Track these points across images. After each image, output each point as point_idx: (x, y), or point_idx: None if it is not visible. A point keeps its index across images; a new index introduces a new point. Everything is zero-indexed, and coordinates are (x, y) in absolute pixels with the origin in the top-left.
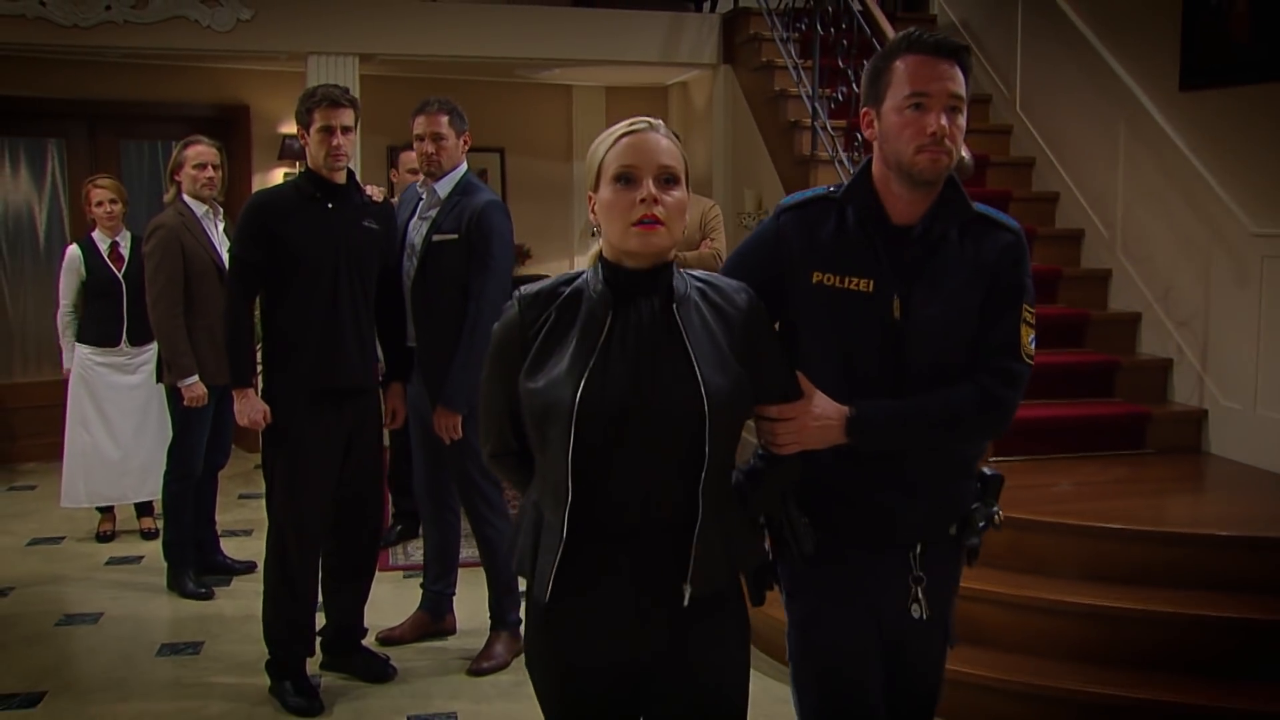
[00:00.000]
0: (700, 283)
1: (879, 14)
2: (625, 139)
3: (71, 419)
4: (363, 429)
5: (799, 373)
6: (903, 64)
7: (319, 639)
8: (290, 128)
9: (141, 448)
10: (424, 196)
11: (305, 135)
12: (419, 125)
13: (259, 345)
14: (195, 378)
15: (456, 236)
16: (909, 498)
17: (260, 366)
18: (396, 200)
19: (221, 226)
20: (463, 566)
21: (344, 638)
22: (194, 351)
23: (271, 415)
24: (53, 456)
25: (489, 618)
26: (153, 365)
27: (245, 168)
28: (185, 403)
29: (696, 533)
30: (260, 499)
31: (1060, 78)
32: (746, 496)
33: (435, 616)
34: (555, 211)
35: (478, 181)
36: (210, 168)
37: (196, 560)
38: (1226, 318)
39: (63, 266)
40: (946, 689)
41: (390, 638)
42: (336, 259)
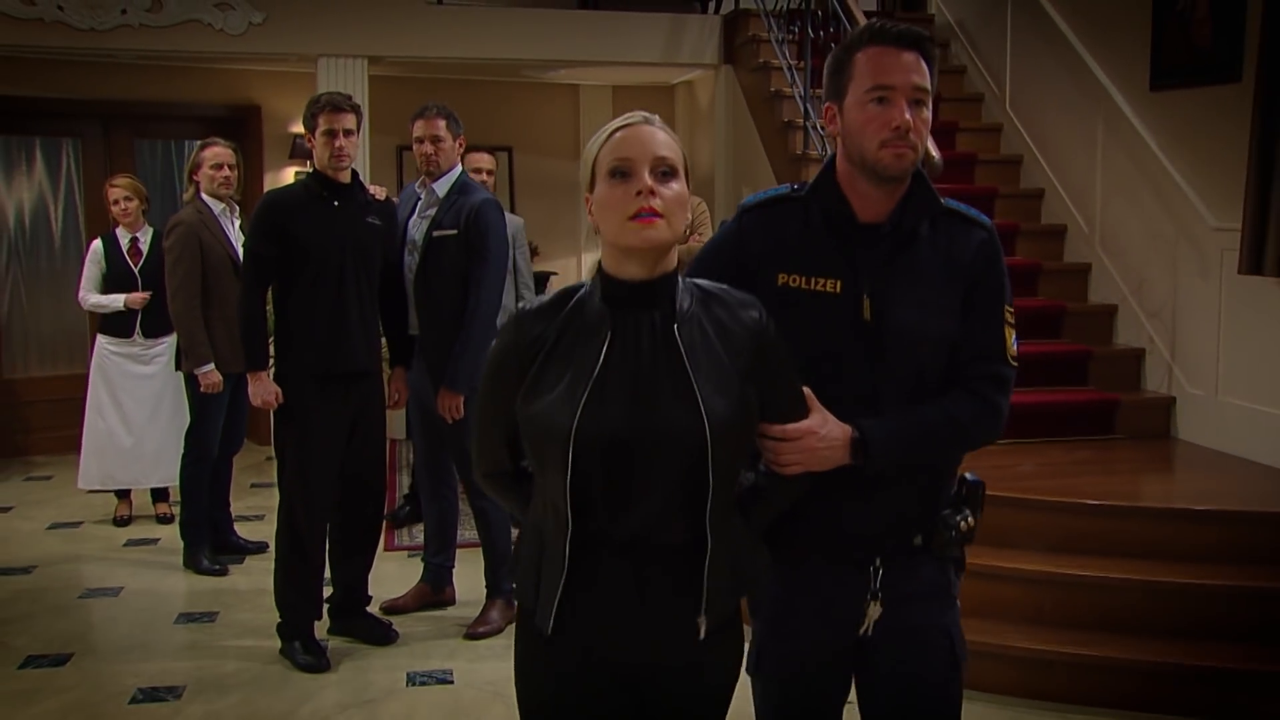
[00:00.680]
0: (706, 294)
1: (859, 14)
2: (619, 133)
3: (89, 405)
4: (367, 410)
5: (807, 390)
6: (864, 56)
7: (326, 606)
8: (300, 128)
9: (154, 435)
10: (423, 196)
11: (311, 138)
12: (418, 129)
13: (272, 333)
14: (211, 365)
15: (456, 232)
16: (864, 505)
17: (272, 351)
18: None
19: (238, 223)
20: (462, 547)
21: (350, 604)
22: (210, 341)
23: (282, 396)
24: (67, 449)
25: (485, 587)
26: (167, 356)
27: (257, 166)
28: (202, 389)
29: (707, 565)
30: (271, 488)
31: (1045, 77)
32: (748, 513)
33: (435, 588)
34: (563, 209)
35: (473, 182)
36: (226, 167)
37: (212, 540)
38: (1192, 308)
39: (86, 258)
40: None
41: (394, 607)
42: (342, 252)
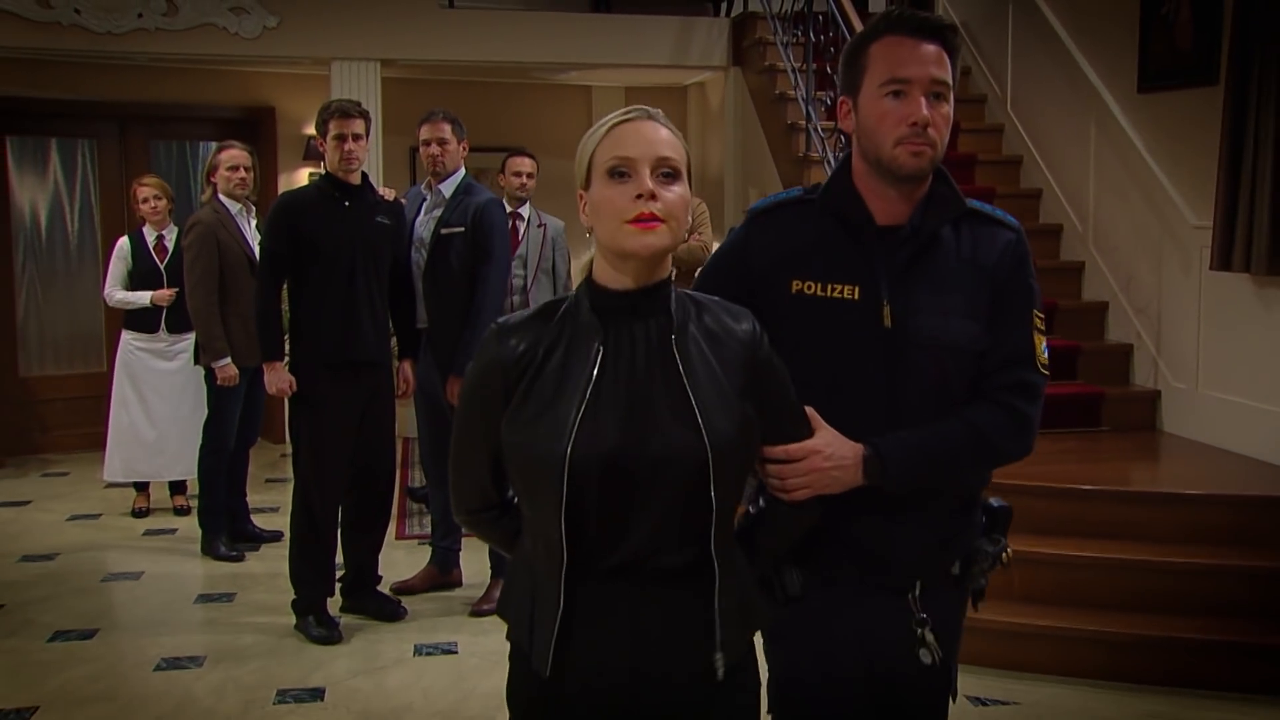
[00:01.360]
0: (697, 305)
1: (854, 17)
2: (619, 128)
3: (114, 400)
4: (377, 398)
5: (809, 408)
6: (880, 47)
7: (339, 584)
8: (314, 129)
9: (176, 429)
10: (428, 196)
11: (323, 143)
12: (425, 132)
13: (287, 326)
14: (228, 359)
15: (462, 230)
16: (902, 531)
17: (287, 343)
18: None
19: (254, 223)
20: (467, 535)
21: (361, 583)
22: (227, 336)
23: (297, 384)
24: (83, 446)
25: (490, 567)
26: (190, 352)
27: (271, 168)
28: (219, 382)
29: (717, 594)
30: (285, 482)
31: (1043, 78)
32: (753, 547)
33: (443, 570)
34: (576, 210)
35: (476, 183)
36: (242, 169)
37: (229, 528)
38: (1175, 305)
39: (112, 255)
40: None
41: (403, 588)
42: (353, 250)
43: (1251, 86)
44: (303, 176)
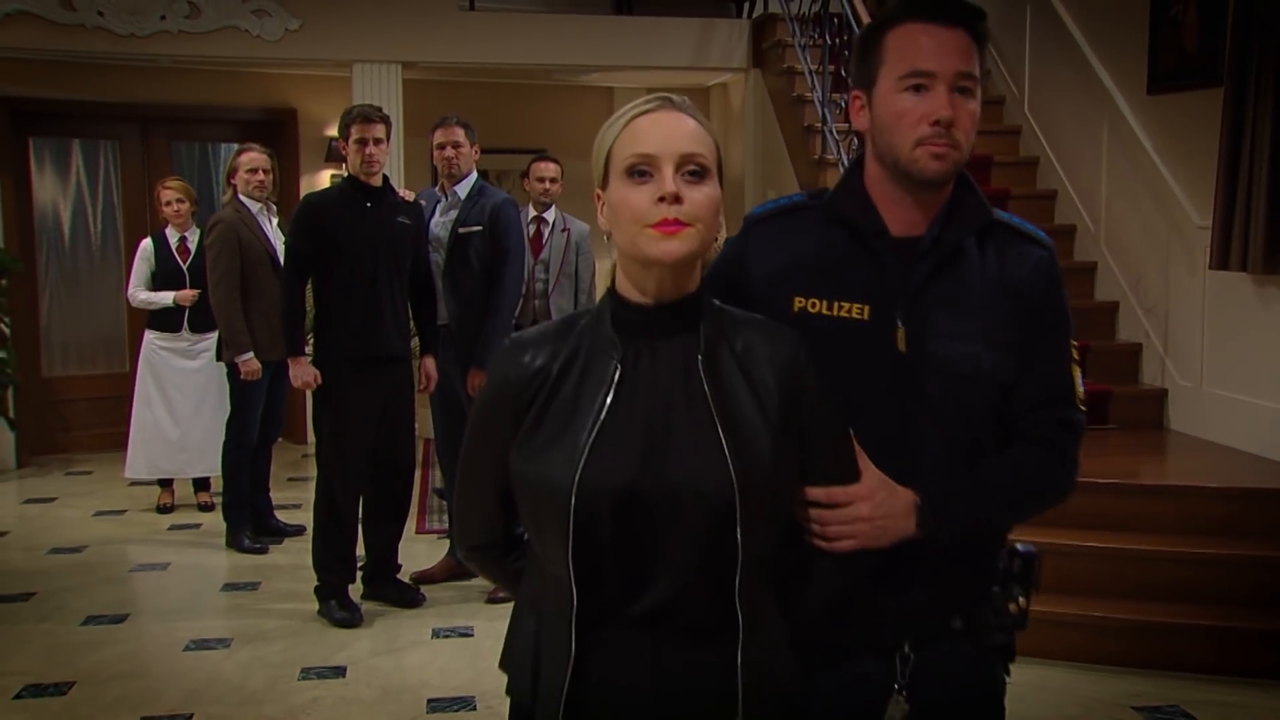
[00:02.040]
0: (732, 323)
1: (865, 17)
2: (637, 120)
3: (137, 398)
4: (398, 392)
5: (857, 446)
6: (897, 35)
7: (360, 573)
8: (335, 130)
9: (198, 427)
10: (443, 198)
11: (345, 146)
12: (439, 136)
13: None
14: (251, 353)
15: (480, 229)
16: (893, 573)
17: (311, 338)
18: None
19: (275, 221)
20: None
21: (381, 572)
22: (249, 331)
23: (320, 378)
24: (106, 446)
25: None
26: (212, 351)
27: (293, 169)
28: (242, 376)
29: (740, 655)
30: (306, 481)
31: (1060, 79)
32: (787, 605)
33: (461, 561)
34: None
35: (489, 184)
36: (261, 171)
37: (252, 522)
38: (1181, 304)
39: (136, 256)
40: None
41: (422, 577)
42: (375, 249)
43: (1250, 87)
44: (324, 178)
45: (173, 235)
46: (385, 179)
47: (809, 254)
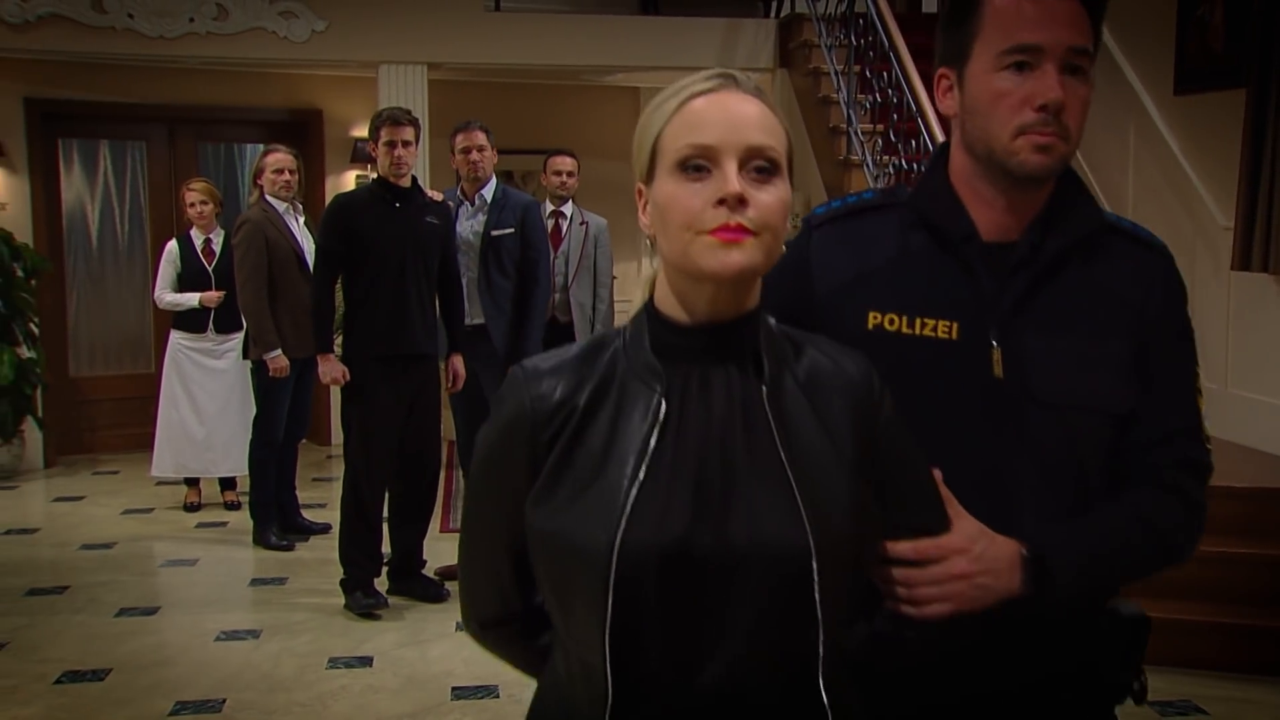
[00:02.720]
0: (796, 346)
1: (891, 22)
2: (694, 102)
3: (163, 398)
4: (424, 390)
5: (944, 489)
6: (999, 1)
7: (385, 568)
8: (361, 131)
9: (224, 426)
10: (465, 202)
11: (375, 148)
12: (462, 141)
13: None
14: (278, 351)
15: (513, 230)
16: (991, 646)
17: (340, 336)
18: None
19: (302, 220)
20: None
21: (406, 567)
22: (276, 329)
23: (349, 375)
24: (132, 447)
25: None
26: (237, 352)
27: (318, 170)
28: (270, 373)
29: None
30: (331, 481)
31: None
32: (866, 683)
33: None
34: (623, 212)
35: (510, 187)
36: (287, 172)
37: (279, 519)
38: (1206, 304)
39: (161, 258)
40: None
41: (448, 572)
42: (403, 248)
43: (1272, 87)
44: (349, 178)
45: (197, 237)
46: (414, 180)
47: (884, 262)
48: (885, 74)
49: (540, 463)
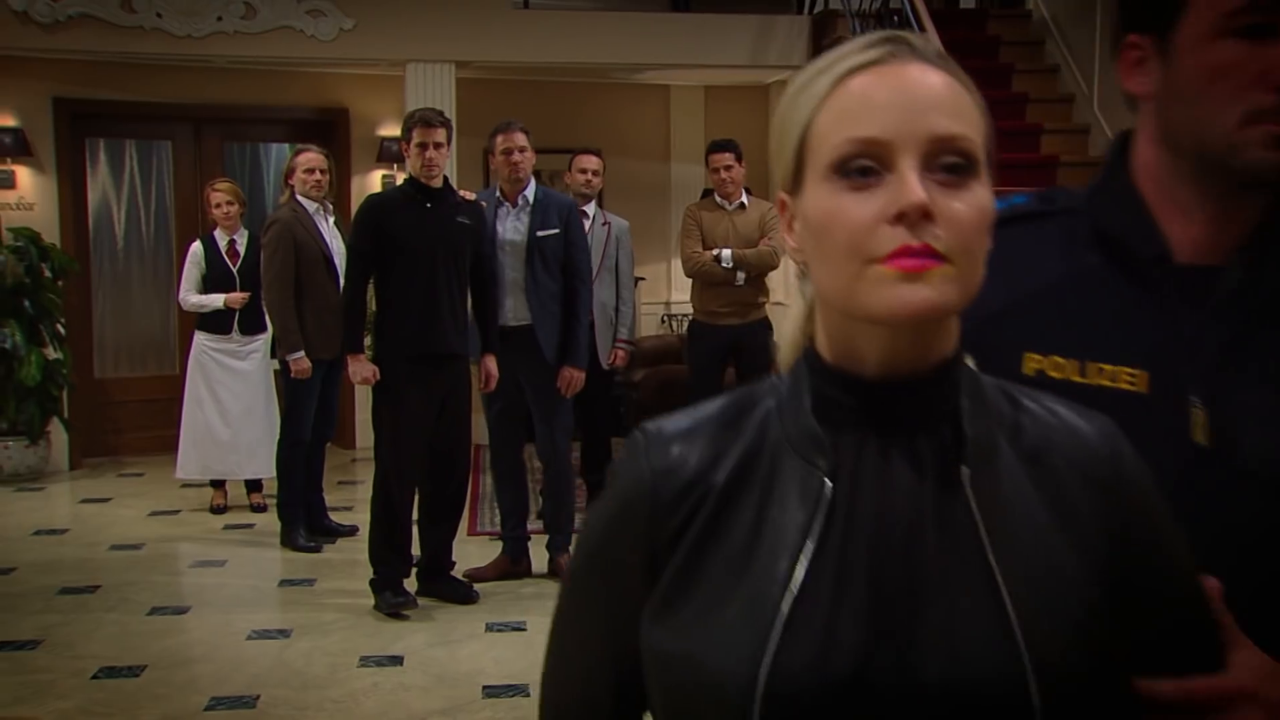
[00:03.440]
0: (1013, 405)
1: (924, 13)
2: (853, 81)
3: (188, 399)
4: (455, 390)
5: (1220, 604)
6: None
7: (415, 569)
8: (388, 130)
9: (249, 428)
10: (505, 203)
11: (406, 148)
12: (503, 142)
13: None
14: (302, 352)
15: (558, 231)
16: None
17: (370, 335)
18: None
19: (332, 220)
20: (536, 534)
21: (436, 569)
22: (302, 330)
23: (379, 375)
24: (157, 449)
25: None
26: (262, 353)
27: (345, 169)
28: (293, 374)
29: None
30: (356, 485)
31: None
32: None
33: (514, 560)
34: (653, 213)
35: (549, 188)
36: (318, 171)
37: (306, 521)
38: None
39: (186, 260)
40: None
41: (476, 575)
42: (434, 248)
43: None
44: (376, 178)
45: (222, 238)
46: (445, 180)
47: (1045, 288)
48: None
49: (662, 561)
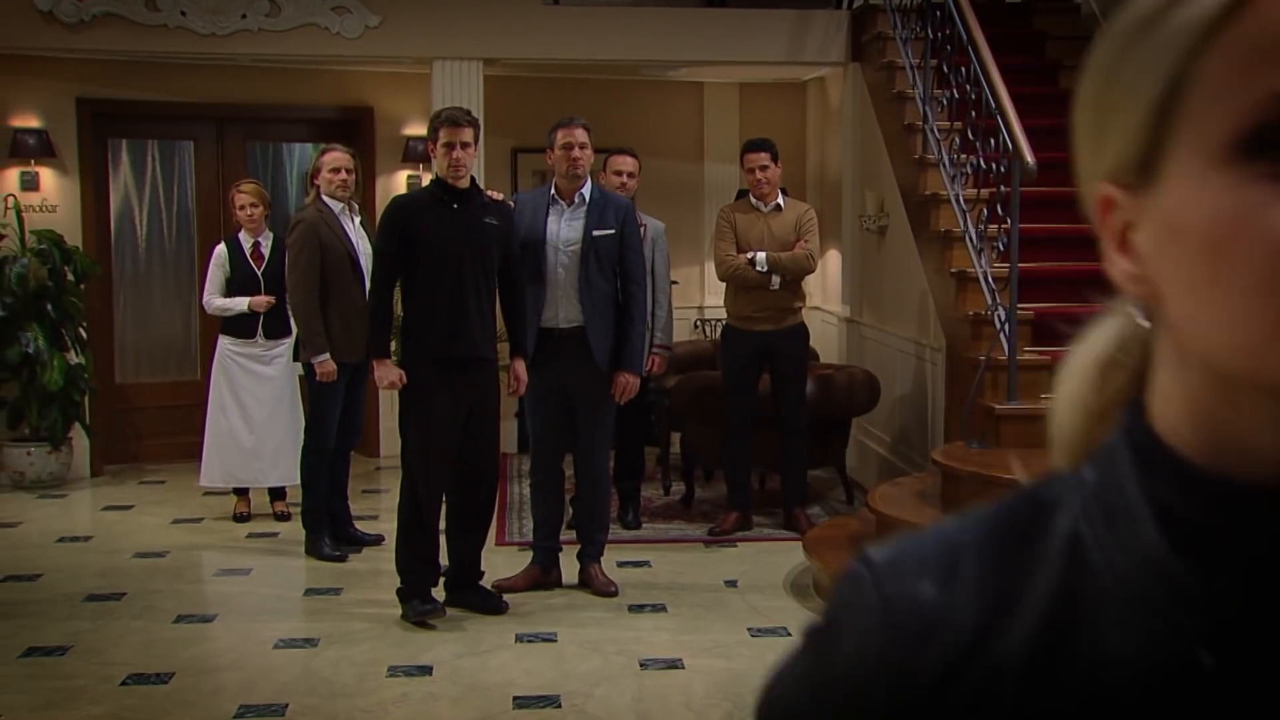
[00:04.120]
0: None
1: (968, 9)
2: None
3: (211, 405)
4: (483, 395)
5: None
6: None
7: (443, 579)
8: (413, 129)
9: (273, 434)
10: (559, 200)
11: (433, 148)
12: (564, 136)
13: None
14: (327, 355)
15: (613, 231)
16: None
17: (396, 340)
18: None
19: (358, 220)
20: (568, 544)
21: (464, 578)
22: (326, 332)
23: (406, 379)
24: (178, 456)
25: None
26: (286, 358)
27: (370, 168)
28: (317, 377)
29: None
30: (380, 494)
31: None
32: None
33: (545, 570)
34: (685, 213)
35: (604, 188)
36: (344, 171)
37: (331, 530)
38: None
39: (210, 262)
40: None
41: (505, 586)
42: (461, 250)
43: None
44: (401, 178)
45: (246, 240)
46: (473, 180)
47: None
48: (963, 68)
49: None
